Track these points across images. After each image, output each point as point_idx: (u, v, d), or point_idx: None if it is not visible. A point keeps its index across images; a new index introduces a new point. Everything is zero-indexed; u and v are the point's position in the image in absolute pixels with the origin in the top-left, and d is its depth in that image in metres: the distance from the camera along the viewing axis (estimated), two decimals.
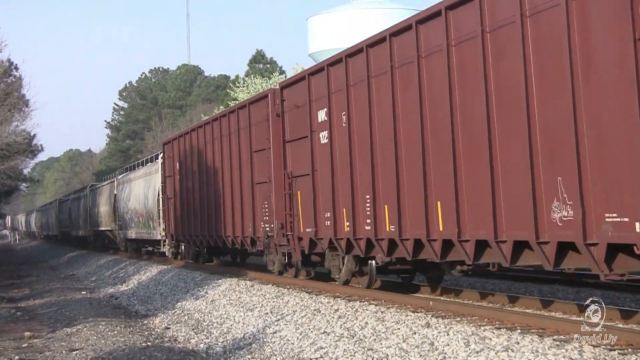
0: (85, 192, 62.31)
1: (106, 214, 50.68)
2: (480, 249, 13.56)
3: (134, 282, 30.99)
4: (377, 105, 16.31)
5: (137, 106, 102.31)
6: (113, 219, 47.76)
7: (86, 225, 59.97)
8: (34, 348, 15.81)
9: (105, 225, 51.52)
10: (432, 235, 14.62)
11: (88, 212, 58.85)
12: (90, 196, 58.72)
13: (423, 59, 14.71)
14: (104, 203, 51.55)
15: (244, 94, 56.29)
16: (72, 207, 69.01)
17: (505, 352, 10.95)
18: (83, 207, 61.96)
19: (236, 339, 16.17)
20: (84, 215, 61.04)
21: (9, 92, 30.11)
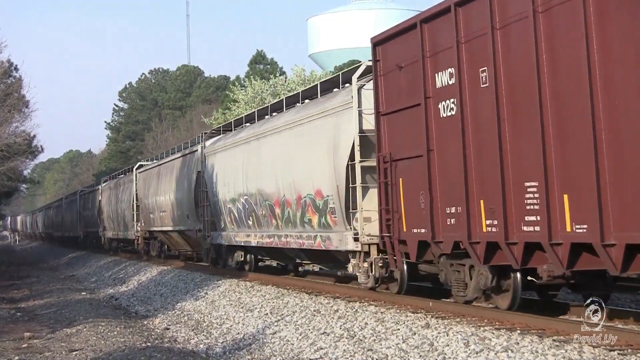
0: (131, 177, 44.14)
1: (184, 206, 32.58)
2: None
3: (134, 282, 30.99)
4: (550, 51, 11.75)
5: (137, 107, 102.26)
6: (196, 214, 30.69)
7: (134, 224, 42.09)
8: (33, 349, 15.80)
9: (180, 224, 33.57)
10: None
11: (144, 205, 40.00)
12: (146, 178, 40.41)
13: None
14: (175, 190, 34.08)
15: (244, 95, 56.24)
16: (107, 197, 51.87)
17: (505, 353, 10.94)
18: (127, 196, 44.31)
19: (236, 340, 16.17)
20: (132, 211, 42.17)
21: (9, 93, 30.10)
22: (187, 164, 31.68)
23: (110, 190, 50.98)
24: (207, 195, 28.21)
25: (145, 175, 40.64)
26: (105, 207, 52.11)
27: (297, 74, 56.30)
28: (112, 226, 49.69)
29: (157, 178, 37.32)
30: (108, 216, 50.62)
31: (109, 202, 50.63)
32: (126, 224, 44.45)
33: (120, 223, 46.40)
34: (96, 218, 55.62)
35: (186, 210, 31.77)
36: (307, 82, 52.21)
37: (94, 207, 56.75)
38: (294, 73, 57.27)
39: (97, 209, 55.06)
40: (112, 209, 49.33)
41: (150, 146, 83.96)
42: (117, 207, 47.22)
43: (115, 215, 47.86)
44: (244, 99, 55.68)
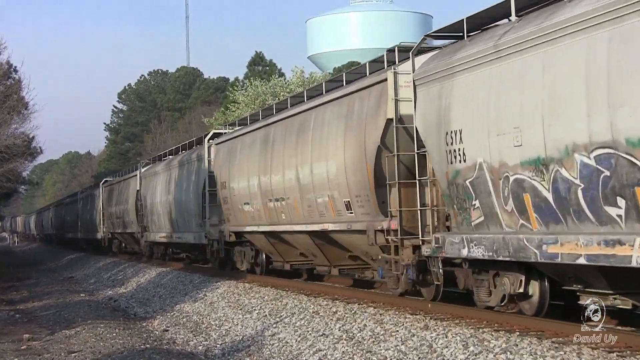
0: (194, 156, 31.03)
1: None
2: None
3: (133, 284, 30.98)
4: None
5: (136, 109, 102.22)
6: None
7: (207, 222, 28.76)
8: (32, 350, 15.79)
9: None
10: None
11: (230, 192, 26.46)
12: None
13: None
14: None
15: (244, 97, 56.24)
16: (153, 184, 37.66)
17: (504, 354, 10.94)
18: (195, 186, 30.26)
19: (235, 341, 16.17)
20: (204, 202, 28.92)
21: (8, 94, 30.06)
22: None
23: (160, 174, 36.19)
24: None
25: (232, 147, 25.84)
26: (148, 198, 37.79)
27: (297, 76, 56.33)
28: (163, 225, 35.23)
29: (266, 144, 22.55)
30: (156, 211, 36.13)
31: (158, 191, 35.84)
32: (192, 221, 30.42)
33: (185, 219, 31.36)
34: (129, 215, 42.35)
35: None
36: (306, 83, 52.23)
37: (123, 199, 44.43)
38: (294, 74, 57.31)
39: (134, 202, 40.78)
40: (165, 201, 34.37)
41: (150, 148, 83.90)
42: (180, 197, 31.75)
43: (174, 208, 32.79)
44: (244, 100, 55.68)
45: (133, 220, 41.61)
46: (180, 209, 32.20)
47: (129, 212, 42.53)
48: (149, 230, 38.60)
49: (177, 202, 32.63)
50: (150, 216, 37.97)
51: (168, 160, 36.74)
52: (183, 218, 31.83)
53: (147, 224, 38.71)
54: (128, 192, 43.44)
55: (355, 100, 17.67)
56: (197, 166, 29.61)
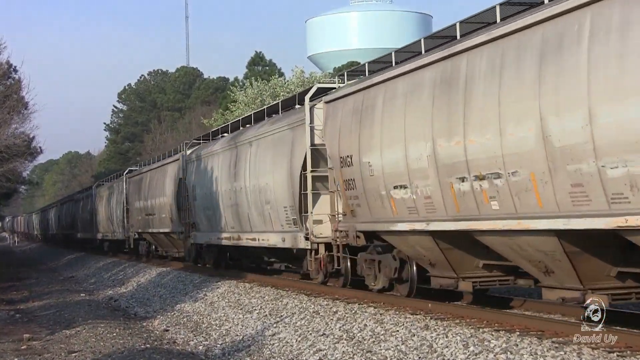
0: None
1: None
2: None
3: (133, 284, 30.99)
4: None
5: (136, 108, 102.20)
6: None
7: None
8: (32, 350, 15.80)
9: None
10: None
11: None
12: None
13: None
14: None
15: (244, 97, 56.22)
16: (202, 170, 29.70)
17: (504, 354, 10.95)
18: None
19: (235, 341, 16.17)
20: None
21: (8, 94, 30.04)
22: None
23: (218, 156, 27.57)
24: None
25: (363, 102, 18.81)
26: (199, 188, 29.37)
27: (297, 76, 56.31)
28: (224, 223, 26.85)
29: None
30: (212, 204, 27.67)
31: (218, 177, 27.30)
32: (278, 215, 22.23)
33: (266, 214, 22.99)
34: (165, 210, 34.88)
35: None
36: (306, 83, 52.22)
37: (157, 191, 36.52)
38: (294, 74, 57.27)
39: (173, 193, 33.42)
40: (230, 189, 25.75)
41: (150, 147, 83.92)
42: (258, 183, 23.39)
43: (246, 198, 24.25)
44: (244, 100, 55.66)
45: (171, 216, 33.47)
46: (257, 200, 23.06)
47: (165, 207, 34.61)
48: (198, 228, 29.58)
49: (251, 191, 23.48)
50: (201, 211, 28.61)
51: (234, 135, 26.77)
52: (262, 212, 22.86)
53: (196, 221, 29.54)
54: (164, 182, 34.85)
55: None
56: (291, 138, 21.17)
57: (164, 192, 35.02)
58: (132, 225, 42.27)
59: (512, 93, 12.10)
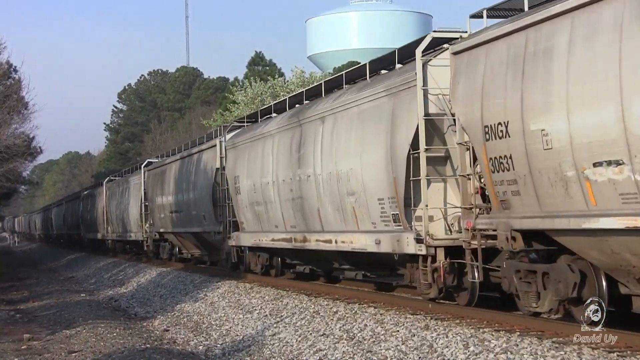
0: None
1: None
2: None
3: (133, 284, 30.99)
4: None
5: (136, 108, 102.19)
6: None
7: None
8: (33, 350, 15.80)
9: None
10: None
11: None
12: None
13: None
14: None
15: (243, 97, 56.23)
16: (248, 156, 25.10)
17: (505, 354, 10.95)
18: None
19: (235, 341, 16.18)
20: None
21: (8, 94, 30.05)
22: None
23: (278, 136, 22.24)
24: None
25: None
26: (245, 179, 24.34)
27: (297, 76, 56.32)
28: (279, 220, 22.08)
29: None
30: (264, 199, 22.83)
31: (275, 164, 22.23)
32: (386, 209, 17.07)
33: (363, 206, 17.73)
34: (197, 206, 29.93)
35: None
36: (306, 83, 52.23)
37: (185, 184, 31.52)
38: (294, 74, 57.29)
39: (209, 186, 28.17)
40: (290, 178, 21.15)
41: (150, 148, 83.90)
42: (352, 164, 18.73)
43: (323, 189, 19.32)
44: (243, 100, 55.67)
45: (205, 213, 28.45)
46: (334, 191, 18.31)
47: (197, 203, 29.46)
48: (242, 228, 24.71)
49: (325, 179, 18.75)
50: (246, 207, 23.80)
51: (296, 112, 21.66)
52: (340, 206, 18.13)
53: (239, 219, 24.82)
54: (195, 173, 29.81)
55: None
56: (390, 108, 16.10)
57: (195, 185, 29.80)
58: (152, 224, 37.33)
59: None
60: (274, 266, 24.06)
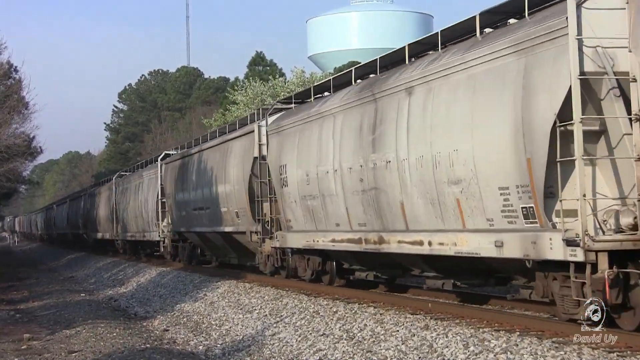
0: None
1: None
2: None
3: (133, 284, 30.98)
4: None
5: (136, 108, 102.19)
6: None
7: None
8: (32, 350, 15.80)
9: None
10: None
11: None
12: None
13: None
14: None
15: (243, 97, 56.22)
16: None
17: (505, 354, 10.94)
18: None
19: (235, 341, 16.17)
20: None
21: (9, 94, 30.04)
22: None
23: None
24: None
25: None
26: (291, 169, 21.08)
27: (297, 76, 56.32)
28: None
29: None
30: (302, 195, 20.41)
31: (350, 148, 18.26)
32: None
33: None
34: (230, 201, 25.98)
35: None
36: (306, 83, 52.24)
37: (214, 175, 27.73)
38: (294, 74, 57.29)
39: (246, 177, 24.29)
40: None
41: (150, 147, 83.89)
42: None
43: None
44: (243, 100, 55.66)
45: (238, 210, 24.74)
46: (426, 180, 14.80)
47: (228, 198, 25.63)
48: (290, 227, 20.95)
49: (412, 165, 15.17)
50: (296, 202, 20.16)
51: (366, 84, 17.86)
52: (435, 199, 14.58)
53: (286, 217, 21.04)
54: (225, 164, 25.85)
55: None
56: (518, 69, 12.58)
57: (225, 178, 25.99)
58: (171, 222, 34.06)
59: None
60: (326, 272, 20.47)
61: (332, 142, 18.35)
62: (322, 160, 18.81)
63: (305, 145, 19.86)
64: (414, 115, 15.05)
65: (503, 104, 12.63)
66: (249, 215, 23.91)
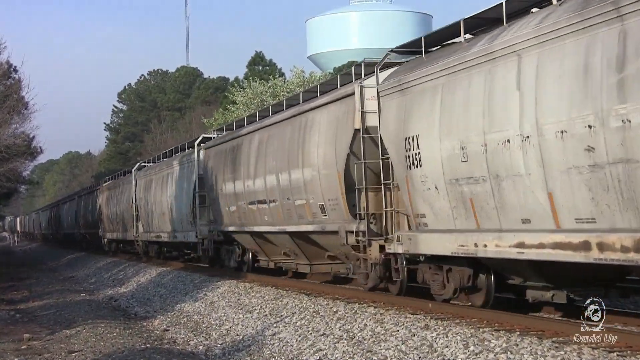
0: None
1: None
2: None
3: (133, 284, 30.98)
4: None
5: (136, 108, 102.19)
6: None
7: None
8: (33, 350, 15.80)
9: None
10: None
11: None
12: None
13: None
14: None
15: (243, 97, 56.21)
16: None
17: (505, 354, 10.94)
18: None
19: (235, 341, 16.17)
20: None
21: (8, 94, 30.05)
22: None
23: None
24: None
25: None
26: (434, 141, 14.78)
27: (297, 76, 56.32)
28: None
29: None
30: (461, 178, 14.10)
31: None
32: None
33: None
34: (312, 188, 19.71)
35: None
36: (306, 83, 52.22)
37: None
38: (294, 74, 57.28)
39: (352, 160, 17.79)
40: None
41: (150, 147, 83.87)
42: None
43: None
44: (242, 100, 55.66)
45: (325, 202, 18.63)
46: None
47: (310, 187, 19.36)
48: (424, 225, 15.10)
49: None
50: (438, 189, 14.33)
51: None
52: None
53: (420, 209, 15.13)
54: (302, 142, 19.80)
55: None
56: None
57: (303, 161, 19.66)
58: (214, 220, 27.87)
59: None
60: (477, 288, 14.90)
61: (516, 95, 12.28)
62: (496, 124, 12.78)
63: (459, 105, 13.78)
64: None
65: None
66: (345, 209, 17.67)
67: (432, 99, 14.60)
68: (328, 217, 18.77)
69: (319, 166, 18.93)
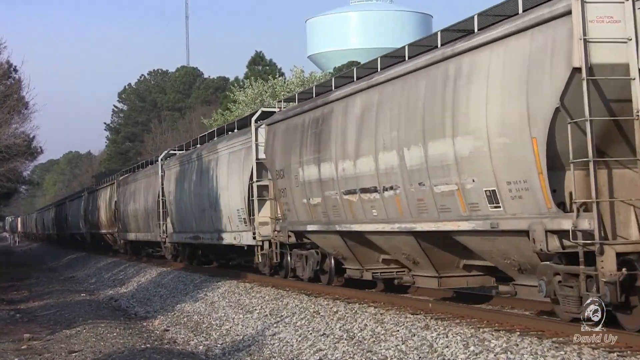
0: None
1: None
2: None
3: (134, 284, 30.97)
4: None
5: (136, 108, 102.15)
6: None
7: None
8: (33, 350, 15.80)
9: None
10: None
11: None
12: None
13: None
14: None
15: (244, 97, 56.20)
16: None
17: (505, 354, 10.94)
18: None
19: (235, 341, 16.17)
20: None
21: (8, 94, 30.04)
22: None
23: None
24: None
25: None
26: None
27: (297, 76, 56.29)
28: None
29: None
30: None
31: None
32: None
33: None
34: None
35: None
36: (306, 83, 52.20)
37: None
38: (294, 74, 57.25)
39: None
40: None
41: (150, 147, 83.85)
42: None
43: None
44: (244, 100, 55.64)
45: (516, 185, 12.20)
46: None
47: (472, 167, 13.13)
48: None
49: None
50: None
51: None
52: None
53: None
54: (458, 102, 13.35)
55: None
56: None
57: (454, 128, 13.46)
58: (283, 217, 21.62)
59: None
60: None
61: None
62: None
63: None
64: None
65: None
66: (545, 196, 11.86)
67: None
68: (504, 210, 12.65)
69: (490, 133, 12.69)
